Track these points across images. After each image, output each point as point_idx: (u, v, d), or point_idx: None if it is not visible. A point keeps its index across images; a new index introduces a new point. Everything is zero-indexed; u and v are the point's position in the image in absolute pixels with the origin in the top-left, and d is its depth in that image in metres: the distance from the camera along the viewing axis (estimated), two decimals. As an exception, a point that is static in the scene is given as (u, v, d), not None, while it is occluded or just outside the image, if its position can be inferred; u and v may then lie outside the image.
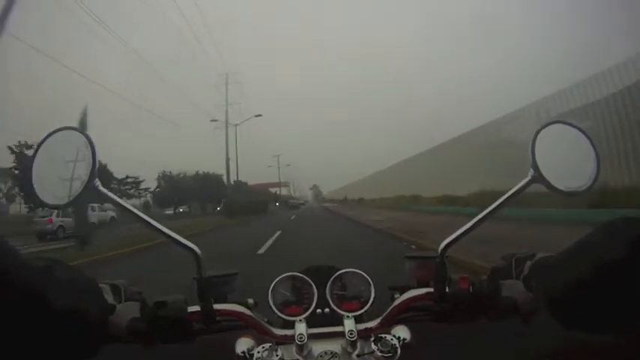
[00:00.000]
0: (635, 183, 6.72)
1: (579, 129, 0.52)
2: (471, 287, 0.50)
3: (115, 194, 0.51)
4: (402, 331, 0.52)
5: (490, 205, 0.51)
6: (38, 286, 0.35)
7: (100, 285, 0.48)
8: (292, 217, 20.83)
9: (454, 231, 0.51)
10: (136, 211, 0.51)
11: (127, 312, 0.48)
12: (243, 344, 0.51)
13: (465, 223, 0.51)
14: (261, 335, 0.53)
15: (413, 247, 6.49)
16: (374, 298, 0.59)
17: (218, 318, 0.52)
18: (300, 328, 0.51)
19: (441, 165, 16.27)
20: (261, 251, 7.22)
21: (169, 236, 0.51)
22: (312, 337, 0.52)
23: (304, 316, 0.56)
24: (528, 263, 0.49)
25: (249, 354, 0.50)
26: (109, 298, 0.48)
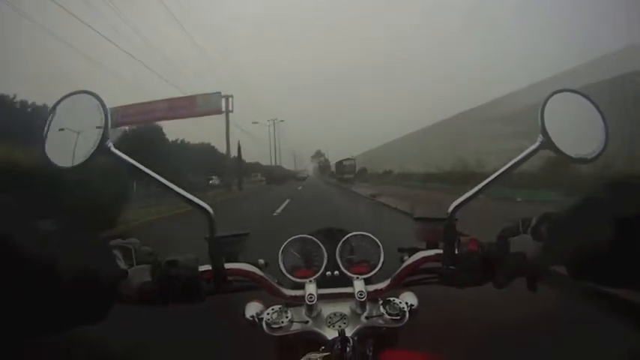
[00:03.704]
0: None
1: (588, 98, 0.52)
2: (479, 249, 0.51)
3: None
4: (410, 297, 0.53)
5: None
6: (49, 250, 0.35)
7: (111, 244, 0.48)
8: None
9: None
10: (150, 172, 0.51)
11: (139, 275, 0.48)
12: (252, 308, 0.52)
13: None
14: (271, 296, 0.54)
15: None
16: (383, 261, 0.59)
17: (229, 278, 0.53)
18: (310, 288, 0.52)
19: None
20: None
21: (183, 196, 0.51)
22: (322, 297, 0.53)
23: (314, 277, 0.56)
24: (535, 218, 0.50)
25: (258, 318, 0.50)
26: (121, 262, 0.48)
